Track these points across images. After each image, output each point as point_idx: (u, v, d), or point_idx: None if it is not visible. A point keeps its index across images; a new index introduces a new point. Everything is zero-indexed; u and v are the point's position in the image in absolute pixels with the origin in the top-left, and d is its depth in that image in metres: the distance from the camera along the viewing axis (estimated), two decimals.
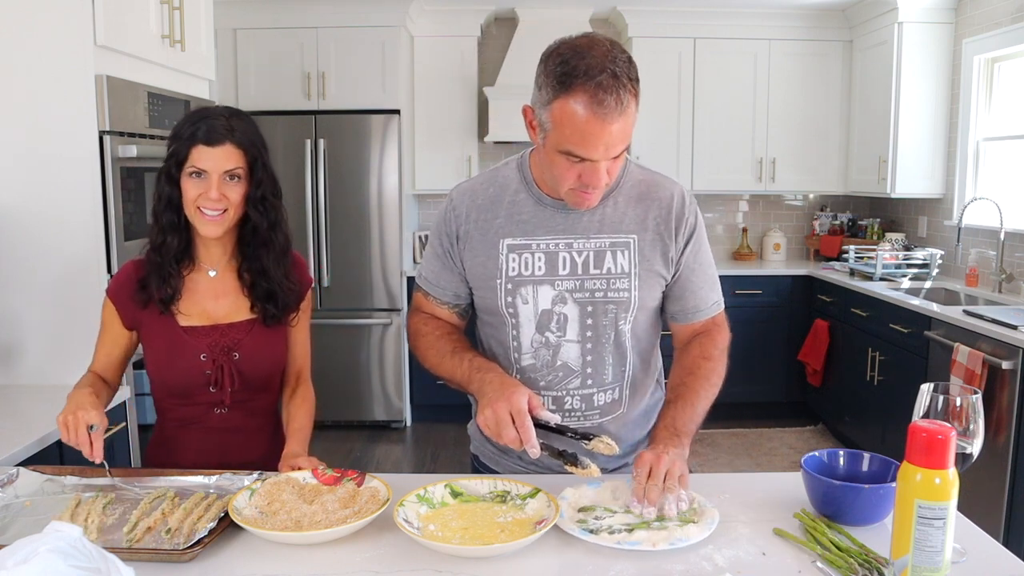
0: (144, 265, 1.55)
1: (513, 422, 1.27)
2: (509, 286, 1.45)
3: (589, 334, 1.46)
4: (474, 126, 4.94)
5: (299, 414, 1.63)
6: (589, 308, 1.44)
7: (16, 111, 2.10)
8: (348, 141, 4.57)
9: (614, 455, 1.35)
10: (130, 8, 2.28)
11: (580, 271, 1.44)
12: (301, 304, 1.66)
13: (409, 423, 4.91)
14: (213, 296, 1.59)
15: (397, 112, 4.57)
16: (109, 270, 2.18)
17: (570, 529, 1.20)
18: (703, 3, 4.76)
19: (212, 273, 1.59)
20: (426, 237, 5.11)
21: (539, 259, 1.44)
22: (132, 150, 2.20)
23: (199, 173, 1.47)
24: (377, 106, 4.56)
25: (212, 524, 1.20)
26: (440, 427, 4.80)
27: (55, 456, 1.79)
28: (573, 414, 1.50)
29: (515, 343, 1.48)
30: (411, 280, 4.75)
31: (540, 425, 1.31)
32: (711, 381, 1.45)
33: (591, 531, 1.21)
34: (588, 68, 1.24)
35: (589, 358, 1.47)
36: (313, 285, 1.70)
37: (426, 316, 1.56)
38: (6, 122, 2.10)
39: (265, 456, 1.61)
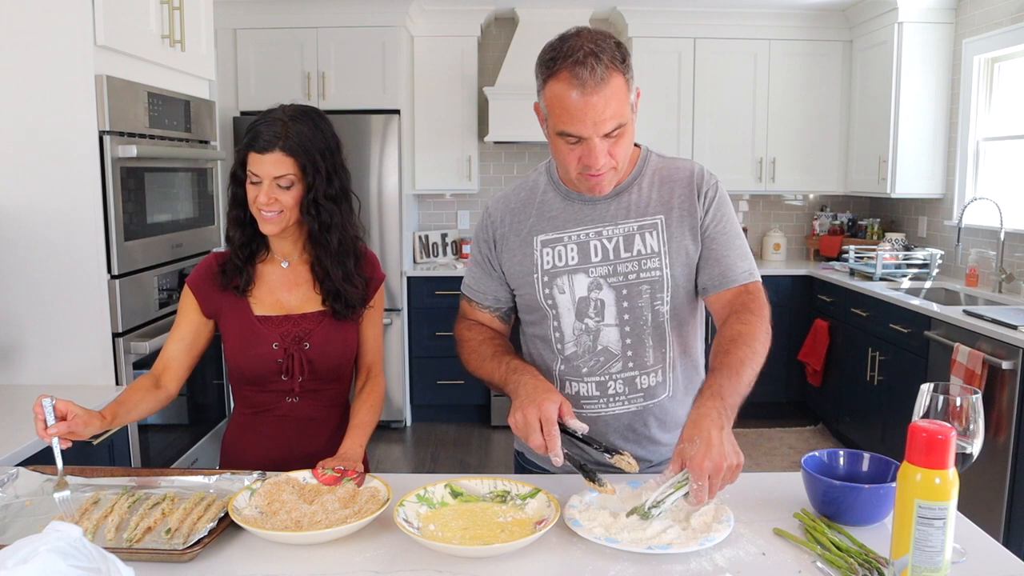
0: (224, 255, 1.64)
1: (541, 428, 1.28)
2: (545, 279, 1.50)
3: (627, 317, 1.49)
4: (474, 126, 4.94)
5: (362, 409, 1.65)
6: (624, 291, 1.48)
7: (16, 111, 2.10)
8: (348, 141, 4.47)
9: (635, 472, 1.33)
10: (130, 8, 2.28)
11: (612, 256, 1.48)
12: (370, 300, 1.68)
13: (409, 423, 4.91)
14: (286, 287, 1.64)
15: (397, 112, 4.57)
16: (109, 270, 2.18)
17: (594, 538, 1.18)
18: (703, 3, 4.75)
19: (285, 264, 1.64)
20: (426, 237, 5.15)
21: (571, 250, 1.49)
22: (132, 150, 2.20)
23: (255, 177, 1.52)
24: (377, 106, 4.56)
25: (212, 524, 1.21)
26: (440, 427, 4.81)
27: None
28: (617, 398, 1.52)
29: (557, 334, 1.53)
30: (411, 280, 4.76)
31: (568, 433, 1.32)
32: (754, 348, 1.38)
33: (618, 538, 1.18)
34: (570, 49, 1.31)
35: (628, 341, 1.50)
36: (386, 280, 1.71)
37: (470, 322, 1.62)
38: (6, 122, 2.10)
39: (333, 445, 1.62)
